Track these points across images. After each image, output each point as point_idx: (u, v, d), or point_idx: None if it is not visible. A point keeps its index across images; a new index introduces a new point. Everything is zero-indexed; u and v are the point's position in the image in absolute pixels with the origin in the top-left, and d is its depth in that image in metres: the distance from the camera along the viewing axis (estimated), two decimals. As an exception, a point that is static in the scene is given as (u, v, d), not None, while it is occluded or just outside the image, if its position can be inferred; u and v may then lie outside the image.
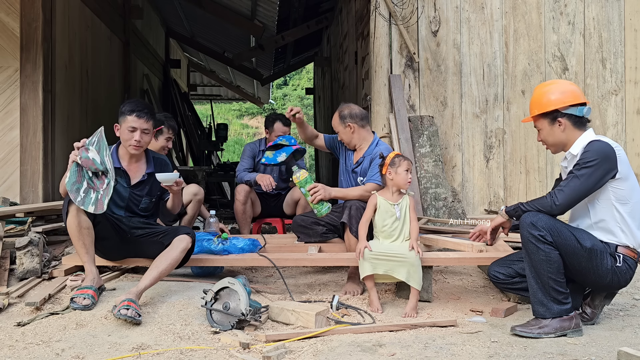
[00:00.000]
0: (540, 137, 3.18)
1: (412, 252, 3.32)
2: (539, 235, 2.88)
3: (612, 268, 2.90)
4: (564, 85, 3.15)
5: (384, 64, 5.27)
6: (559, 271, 2.89)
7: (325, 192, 3.75)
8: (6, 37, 5.22)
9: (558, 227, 2.91)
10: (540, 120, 3.13)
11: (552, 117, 3.08)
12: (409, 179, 3.46)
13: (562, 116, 3.06)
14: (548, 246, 2.87)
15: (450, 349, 2.68)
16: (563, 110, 3.05)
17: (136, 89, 9.06)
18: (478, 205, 5.28)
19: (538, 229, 2.89)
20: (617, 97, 5.42)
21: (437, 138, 5.17)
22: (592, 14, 5.41)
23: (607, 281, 2.93)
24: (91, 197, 3.23)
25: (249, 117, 27.65)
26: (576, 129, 3.07)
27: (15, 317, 3.14)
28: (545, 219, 2.91)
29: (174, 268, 3.37)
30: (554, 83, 3.25)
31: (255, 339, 2.84)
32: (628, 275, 2.94)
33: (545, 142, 3.18)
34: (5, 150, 5.21)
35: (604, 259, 2.89)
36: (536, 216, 2.93)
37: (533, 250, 2.91)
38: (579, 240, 2.89)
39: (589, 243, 2.89)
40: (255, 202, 5.01)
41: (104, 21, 7.31)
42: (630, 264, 2.94)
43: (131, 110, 3.50)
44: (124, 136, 3.52)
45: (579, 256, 2.89)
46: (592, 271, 2.91)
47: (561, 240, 2.88)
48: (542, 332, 2.85)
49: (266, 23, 9.13)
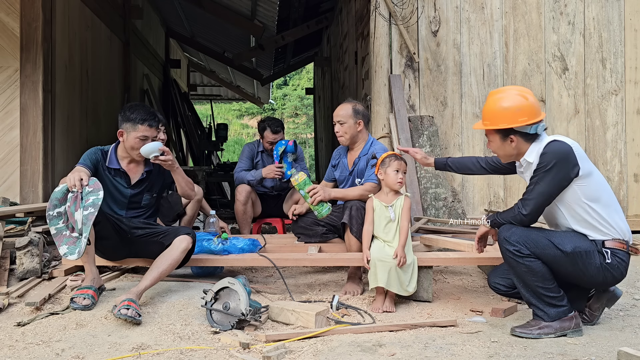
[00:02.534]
0: (490, 147, 3.08)
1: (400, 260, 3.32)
2: (515, 250, 2.85)
3: (602, 265, 2.82)
4: (521, 100, 2.91)
5: (384, 64, 5.27)
6: (546, 278, 2.84)
7: (325, 194, 3.76)
8: (6, 37, 5.22)
9: (533, 238, 2.85)
10: (492, 133, 2.99)
11: (505, 134, 2.94)
12: (399, 179, 3.45)
13: (514, 134, 2.91)
14: (527, 258, 2.83)
15: (450, 349, 2.68)
16: (517, 128, 2.89)
17: (136, 89, 9.06)
18: (478, 205, 5.28)
19: (512, 243, 2.85)
20: (617, 97, 5.42)
21: (437, 138, 5.17)
22: (592, 14, 5.41)
23: (601, 279, 2.86)
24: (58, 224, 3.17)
25: (249, 117, 27.66)
26: (527, 142, 2.94)
27: (15, 317, 3.14)
28: (518, 232, 2.87)
29: (174, 268, 3.37)
30: (511, 95, 2.95)
31: (255, 339, 2.84)
32: (622, 267, 2.85)
33: (495, 152, 3.09)
34: (5, 150, 5.21)
35: (591, 258, 2.81)
36: (509, 230, 2.89)
37: (514, 265, 2.89)
38: (557, 246, 2.81)
39: (570, 246, 2.81)
40: (256, 202, 5.01)
41: (104, 21, 7.31)
42: (622, 257, 2.84)
43: (143, 120, 3.48)
44: (132, 144, 3.49)
45: (562, 262, 2.82)
46: (582, 273, 2.84)
47: (539, 250, 2.82)
48: (542, 333, 2.84)
49: (266, 23, 9.13)
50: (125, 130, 3.51)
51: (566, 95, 5.41)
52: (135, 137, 3.48)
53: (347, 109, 4.00)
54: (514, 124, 2.89)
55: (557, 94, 5.41)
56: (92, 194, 3.18)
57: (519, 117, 2.88)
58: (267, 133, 5.03)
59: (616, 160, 5.41)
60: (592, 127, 5.42)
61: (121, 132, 3.52)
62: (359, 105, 4.06)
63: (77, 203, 3.15)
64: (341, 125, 4.00)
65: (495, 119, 2.94)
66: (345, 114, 3.99)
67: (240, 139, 25.43)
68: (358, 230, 3.64)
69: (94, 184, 3.23)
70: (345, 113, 3.99)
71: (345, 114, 3.99)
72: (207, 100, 18.23)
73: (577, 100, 5.41)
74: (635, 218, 5.42)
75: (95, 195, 3.18)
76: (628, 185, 5.41)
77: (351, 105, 4.03)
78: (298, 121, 25.55)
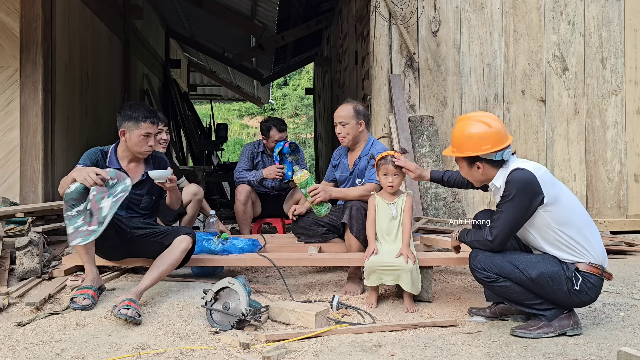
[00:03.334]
0: (461, 173, 3.13)
1: (408, 260, 3.31)
2: (484, 277, 2.89)
3: (570, 291, 2.81)
4: (484, 128, 2.93)
5: (384, 64, 5.27)
6: (525, 293, 2.87)
7: (326, 194, 3.76)
8: (6, 37, 5.22)
9: (498, 263, 2.87)
10: (460, 160, 3.04)
11: (471, 161, 2.98)
12: (389, 183, 3.46)
13: (480, 161, 2.95)
14: (498, 282, 2.87)
15: (450, 349, 2.68)
16: (482, 156, 2.93)
17: (136, 89, 9.06)
18: (478, 205, 5.28)
19: (479, 271, 2.90)
20: (617, 97, 5.42)
21: (437, 138, 5.17)
22: (592, 14, 5.41)
23: (569, 303, 2.86)
24: (77, 222, 3.18)
25: (249, 117, 27.67)
26: (495, 168, 2.96)
27: (15, 317, 3.14)
28: (483, 259, 2.89)
29: (174, 268, 3.37)
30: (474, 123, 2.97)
31: (255, 339, 2.84)
32: (592, 292, 2.84)
33: (466, 177, 3.13)
34: (5, 150, 5.21)
35: (557, 283, 2.80)
36: (475, 259, 2.94)
37: (489, 287, 2.95)
38: (522, 271, 2.82)
39: (535, 272, 2.81)
40: (256, 202, 5.02)
41: (104, 21, 7.31)
42: (594, 282, 2.82)
43: (145, 117, 3.50)
44: (135, 142, 3.50)
45: (529, 285, 2.84)
46: (549, 296, 2.84)
47: (506, 274, 2.85)
48: (543, 333, 2.84)
49: (266, 23, 9.13)
50: (127, 129, 3.51)
51: (566, 95, 5.41)
52: (139, 135, 3.49)
53: (348, 110, 3.98)
54: (478, 152, 2.93)
55: (557, 94, 5.41)
56: (120, 184, 3.25)
57: (482, 145, 2.92)
58: (273, 132, 5.04)
59: (616, 160, 5.41)
60: (592, 127, 5.41)
61: (123, 131, 3.52)
62: (360, 105, 4.05)
63: (102, 193, 3.19)
64: (343, 126, 3.98)
65: (461, 146, 2.99)
66: (347, 115, 3.97)
67: (240, 139, 25.44)
68: (358, 230, 3.64)
69: (116, 174, 3.29)
70: (346, 114, 3.97)
71: (347, 115, 3.97)
72: (207, 100, 18.23)
73: (577, 100, 5.41)
74: (635, 218, 5.42)
75: (123, 183, 3.25)
76: (628, 185, 5.41)
77: (352, 105, 4.01)
78: (298, 121, 25.56)
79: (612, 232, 5.28)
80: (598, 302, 3.41)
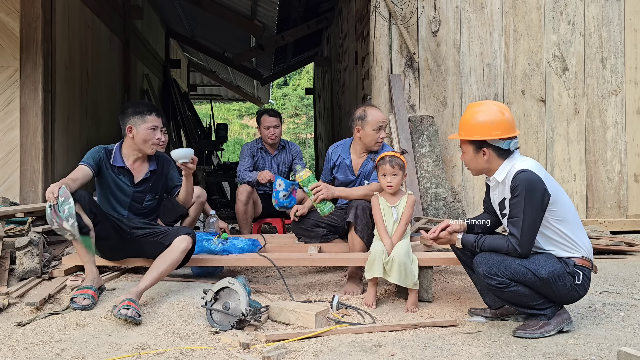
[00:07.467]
0: (463, 159, 3.12)
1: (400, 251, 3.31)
2: (497, 283, 2.87)
3: (571, 286, 2.88)
4: (498, 114, 2.98)
5: (384, 64, 5.27)
6: (533, 295, 2.89)
7: (328, 192, 3.74)
8: (6, 37, 5.22)
9: (510, 267, 2.87)
10: (466, 144, 3.04)
11: (478, 146, 2.99)
12: (387, 183, 3.46)
13: (487, 147, 2.96)
14: (510, 287, 2.86)
15: (450, 349, 2.68)
16: (490, 141, 2.95)
17: (136, 89, 9.06)
18: (478, 205, 5.27)
19: (493, 277, 2.87)
20: (617, 97, 5.42)
21: (437, 138, 5.17)
22: (592, 14, 5.41)
23: (567, 298, 2.92)
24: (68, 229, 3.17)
25: (249, 117, 27.69)
26: (500, 158, 2.98)
27: (15, 317, 3.14)
28: (495, 265, 2.87)
29: (174, 268, 3.37)
30: (488, 109, 3.02)
31: (255, 339, 2.84)
32: (586, 285, 2.92)
33: (467, 166, 3.12)
34: (5, 150, 5.21)
35: (562, 280, 2.86)
36: (485, 264, 2.89)
37: (499, 294, 2.94)
38: (534, 272, 2.85)
39: (546, 272, 2.84)
40: (257, 203, 5.02)
41: (104, 21, 7.31)
42: (587, 275, 2.92)
43: (150, 110, 3.54)
44: (144, 136, 3.51)
45: (538, 286, 2.87)
46: (553, 293, 2.89)
47: (518, 277, 2.86)
48: (544, 332, 2.86)
49: (266, 23, 9.12)
50: (134, 124, 3.52)
51: (566, 95, 5.41)
52: (147, 128, 3.51)
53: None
54: (488, 136, 2.95)
55: (557, 94, 5.41)
56: (66, 203, 3.12)
57: (492, 131, 2.95)
58: (264, 117, 5.13)
59: (616, 160, 5.41)
60: (592, 127, 5.42)
61: (130, 127, 3.53)
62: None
63: (58, 215, 3.10)
64: (360, 133, 3.91)
65: (470, 130, 3.01)
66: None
67: (240, 139, 25.45)
68: (362, 229, 3.64)
69: (64, 192, 3.15)
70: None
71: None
72: (207, 100, 18.24)
73: (577, 100, 5.41)
74: (635, 218, 5.42)
75: (68, 204, 3.12)
76: (628, 185, 5.42)
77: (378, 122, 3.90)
78: (298, 121, 25.57)
79: (612, 232, 5.27)
80: (598, 302, 3.41)
